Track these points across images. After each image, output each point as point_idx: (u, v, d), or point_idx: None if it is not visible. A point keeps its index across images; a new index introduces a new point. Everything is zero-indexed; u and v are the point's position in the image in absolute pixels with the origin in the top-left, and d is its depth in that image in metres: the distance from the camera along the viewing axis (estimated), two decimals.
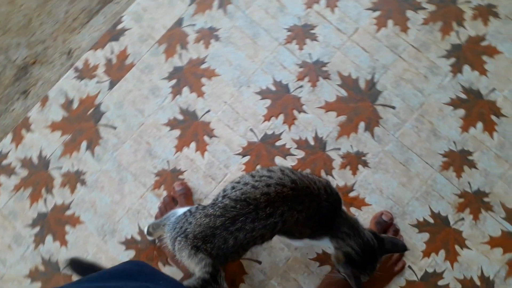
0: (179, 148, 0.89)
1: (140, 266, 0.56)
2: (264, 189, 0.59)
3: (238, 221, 0.58)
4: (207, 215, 0.59)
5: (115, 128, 0.90)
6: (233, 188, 0.62)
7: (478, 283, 0.81)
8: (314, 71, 0.90)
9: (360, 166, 0.86)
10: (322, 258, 0.83)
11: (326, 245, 0.68)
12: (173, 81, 0.92)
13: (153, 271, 0.55)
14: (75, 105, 0.93)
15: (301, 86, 0.90)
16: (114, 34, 0.94)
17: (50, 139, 0.91)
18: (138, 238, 0.86)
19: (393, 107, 0.88)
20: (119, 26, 0.94)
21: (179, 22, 0.94)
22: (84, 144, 0.90)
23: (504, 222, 0.83)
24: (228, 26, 0.93)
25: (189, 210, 0.62)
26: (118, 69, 0.93)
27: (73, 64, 0.93)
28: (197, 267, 0.56)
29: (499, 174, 0.84)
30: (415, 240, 0.83)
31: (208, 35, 0.93)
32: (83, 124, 0.91)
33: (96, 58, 0.94)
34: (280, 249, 0.82)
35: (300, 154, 0.88)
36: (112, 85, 0.92)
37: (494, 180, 0.84)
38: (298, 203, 0.60)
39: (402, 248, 0.68)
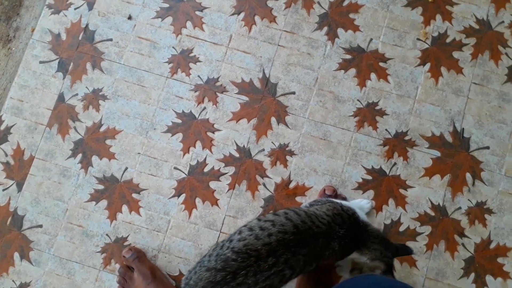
0: (112, 217, 0.93)
1: None
2: (265, 239, 0.61)
3: (239, 275, 0.59)
4: (208, 268, 0.60)
5: (41, 226, 0.93)
6: (240, 233, 0.64)
7: (432, 213, 0.93)
8: (210, 89, 0.98)
9: (288, 157, 0.95)
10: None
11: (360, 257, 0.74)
12: (79, 156, 0.95)
13: None
14: None
15: (204, 108, 0.97)
16: (0, 136, 0.96)
17: None
18: None
19: (293, 93, 0.98)
20: (2, 127, 0.97)
21: (61, 98, 0.98)
22: (16, 255, 0.92)
23: (430, 151, 0.95)
24: (110, 81, 0.98)
25: (200, 260, 0.65)
26: (19, 168, 0.95)
27: None
28: None
29: (408, 110, 0.97)
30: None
31: (94, 98, 0.98)
32: (7, 237, 0.93)
33: None
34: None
35: (231, 170, 0.95)
36: (19, 186, 0.94)
37: (406, 118, 0.97)
38: (302, 246, 0.62)
39: (408, 251, 0.76)
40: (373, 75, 0.97)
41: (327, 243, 0.65)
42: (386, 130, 0.96)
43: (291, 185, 0.94)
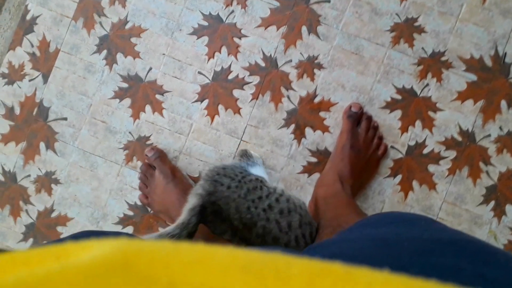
0: (135, 115, 0.96)
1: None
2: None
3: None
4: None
5: (66, 119, 0.96)
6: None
7: (459, 139, 0.92)
8: None
9: (316, 70, 0.94)
10: (309, 168, 0.93)
11: None
12: (104, 52, 0.96)
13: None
14: (17, 111, 0.98)
15: (232, 12, 0.95)
16: (26, 26, 0.97)
17: (6, 152, 0.97)
18: (131, 213, 0.95)
19: (328, 1, 0.94)
20: (28, 17, 0.97)
21: None
22: (42, 145, 0.97)
23: (466, 74, 0.93)
24: None
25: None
26: (45, 60, 0.97)
27: None
28: None
29: (448, 29, 0.93)
30: (389, 121, 0.93)
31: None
32: (33, 126, 0.97)
33: (18, 56, 0.98)
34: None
35: (255, 79, 0.95)
36: (45, 78, 0.97)
37: (445, 37, 0.93)
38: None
39: None
40: None
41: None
42: (422, 48, 0.93)
43: (316, 100, 0.93)
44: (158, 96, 0.95)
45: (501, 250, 0.32)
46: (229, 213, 0.69)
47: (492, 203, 0.91)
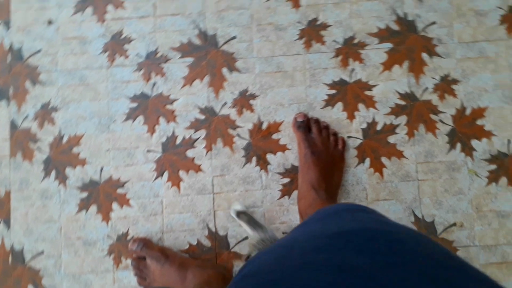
0: (106, 218, 0.97)
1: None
2: None
3: None
4: None
5: (42, 252, 0.96)
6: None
7: (403, 103, 0.98)
8: (152, 63, 1.00)
9: (251, 101, 0.99)
10: (286, 190, 0.96)
11: None
12: (53, 174, 0.98)
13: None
14: None
15: (154, 84, 0.99)
16: None
17: None
18: None
19: (234, 37, 1.00)
20: None
21: (13, 125, 0.99)
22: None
23: (381, 45, 0.99)
24: (54, 92, 1.00)
25: None
26: (0, 207, 0.97)
27: None
28: None
29: (348, 15, 1.00)
30: (335, 116, 0.98)
31: (46, 113, 0.99)
32: (14, 274, 0.96)
33: None
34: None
35: (202, 133, 0.98)
36: (7, 223, 0.97)
37: (348, 23, 1.00)
38: None
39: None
40: None
41: None
42: (334, 41, 0.99)
43: (264, 126, 0.98)
44: (119, 190, 0.96)
45: (385, 234, 0.35)
46: None
47: (458, 145, 0.96)
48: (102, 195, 0.96)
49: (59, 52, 1.00)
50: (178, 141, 0.97)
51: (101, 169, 0.96)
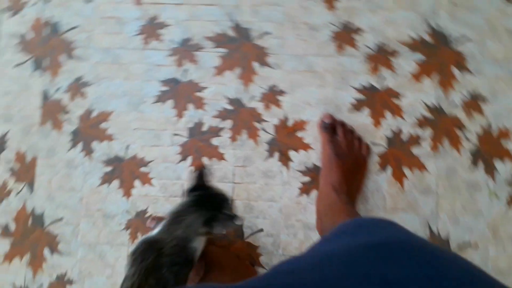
0: (127, 194, 1.00)
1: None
2: None
3: None
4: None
5: (61, 219, 1.00)
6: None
7: (429, 115, 1.00)
8: (186, 50, 1.03)
9: (279, 97, 1.01)
10: (305, 188, 0.98)
11: (201, 243, 0.72)
12: (79, 145, 1.02)
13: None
14: (12, 227, 1.01)
15: (186, 70, 1.03)
16: None
17: (12, 269, 0.99)
18: None
19: (268, 33, 1.03)
20: None
21: (45, 96, 1.03)
22: (46, 251, 0.99)
23: (413, 55, 1.01)
24: (88, 67, 1.04)
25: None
26: (26, 171, 1.02)
27: None
28: None
29: (382, 22, 1.02)
30: (362, 121, 1.00)
31: (77, 87, 1.03)
32: (32, 237, 1.00)
33: None
34: (268, 207, 0.97)
35: (228, 123, 1.01)
36: (30, 187, 1.01)
37: (382, 30, 1.02)
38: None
39: (200, 170, 0.74)
40: None
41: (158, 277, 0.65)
42: (366, 46, 1.01)
43: (289, 123, 1.00)
44: (143, 169, 1.00)
45: (421, 248, 0.36)
46: None
47: (481, 164, 0.97)
48: (126, 171, 1.00)
49: (95, 30, 1.04)
50: (204, 128, 1.00)
51: (127, 147, 1.00)
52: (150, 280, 0.64)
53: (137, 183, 0.99)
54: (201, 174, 0.75)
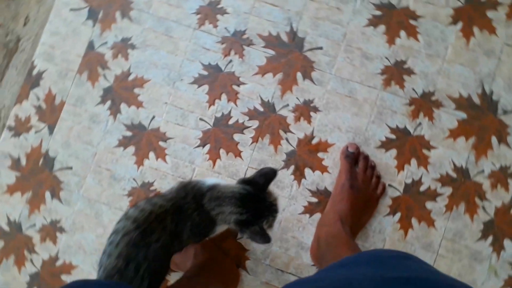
0: (139, 162, 1.01)
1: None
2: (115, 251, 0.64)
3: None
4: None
5: (71, 168, 1.02)
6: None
7: (454, 175, 0.98)
8: (236, 42, 1.03)
9: (312, 113, 1.01)
10: (310, 208, 0.98)
11: (223, 228, 0.73)
12: (108, 103, 1.03)
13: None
14: (23, 162, 1.03)
15: (230, 61, 1.03)
16: (33, 81, 1.04)
17: (11, 202, 1.02)
18: None
19: (321, 48, 1.02)
20: (34, 72, 1.05)
21: (91, 46, 1.05)
22: (48, 194, 1.01)
23: (456, 112, 0.99)
24: (138, 31, 1.05)
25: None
26: (51, 113, 1.04)
27: (5, 125, 1.04)
28: None
29: (436, 71, 1.01)
30: (386, 160, 0.99)
31: (123, 47, 1.04)
32: (39, 177, 1.02)
33: (25, 110, 1.04)
34: None
35: (255, 124, 1.01)
36: (51, 129, 1.03)
37: (434, 78, 1.00)
38: (149, 235, 0.64)
39: (272, 172, 0.71)
40: (402, 33, 1.01)
41: (178, 220, 0.66)
42: (413, 89, 1.00)
43: (314, 141, 0.99)
44: (161, 143, 1.00)
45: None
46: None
47: (490, 238, 0.95)
48: (145, 140, 1.01)
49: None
50: (231, 121, 1.00)
51: (153, 118, 1.01)
52: (174, 217, 0.67)
53: (151, 155, 1.00)
54: (267, 174, 0.71)
